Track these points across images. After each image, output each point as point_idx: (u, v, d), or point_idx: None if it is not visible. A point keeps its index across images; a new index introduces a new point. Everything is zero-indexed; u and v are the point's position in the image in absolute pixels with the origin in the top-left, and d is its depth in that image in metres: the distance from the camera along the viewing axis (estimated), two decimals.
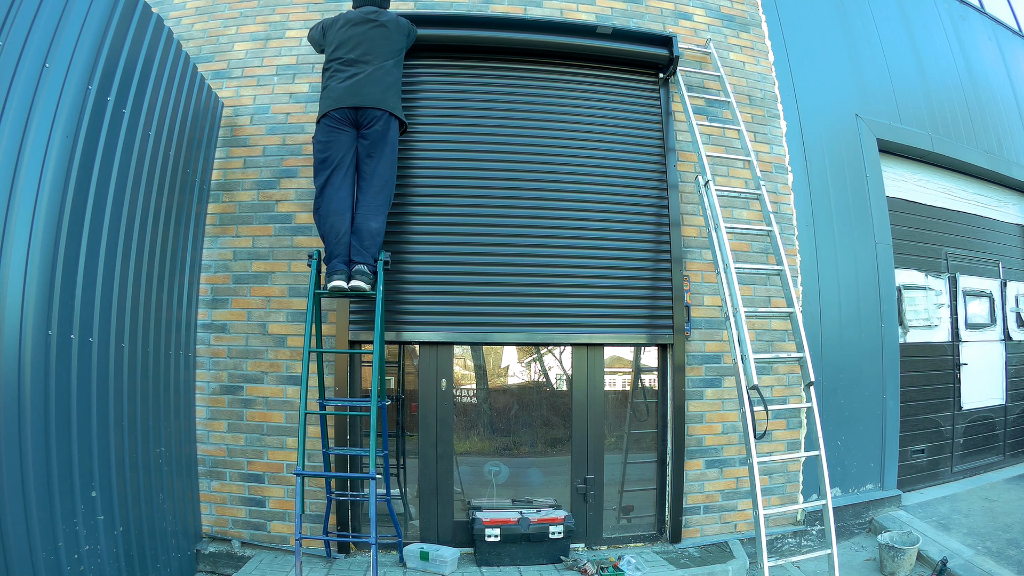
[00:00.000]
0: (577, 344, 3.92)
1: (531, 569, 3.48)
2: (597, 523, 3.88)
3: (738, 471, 3.98)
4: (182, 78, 3.40)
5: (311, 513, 3.55)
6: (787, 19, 4.71)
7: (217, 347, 3.75)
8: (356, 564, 3.50)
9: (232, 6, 4.13)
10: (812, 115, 4.64)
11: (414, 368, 3.90)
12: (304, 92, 3.94)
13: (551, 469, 4.05)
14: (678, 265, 4.00)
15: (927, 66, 5.59)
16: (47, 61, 2.48)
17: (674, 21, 4.37)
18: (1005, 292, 5.95)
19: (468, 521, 3.69)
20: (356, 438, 3.73)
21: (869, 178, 4.82)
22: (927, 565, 3.78)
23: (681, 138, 4.15)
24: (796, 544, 4.07)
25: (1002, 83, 6.32)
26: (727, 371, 3.99)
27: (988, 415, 5.70)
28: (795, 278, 4.24)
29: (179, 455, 3.44)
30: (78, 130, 2.55)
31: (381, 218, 3.35)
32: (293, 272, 3.76)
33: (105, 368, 2.78)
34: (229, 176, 3.90)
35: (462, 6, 4.12)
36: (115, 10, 2.76)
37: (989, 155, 5.78)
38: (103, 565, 2.66)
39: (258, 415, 3.68)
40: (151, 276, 3.17)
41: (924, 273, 5.31)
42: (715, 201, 3.67)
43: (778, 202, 4.28)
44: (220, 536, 3.64)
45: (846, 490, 4.41)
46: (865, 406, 4.54)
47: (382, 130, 3.34)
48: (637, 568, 3.44)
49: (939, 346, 5.36)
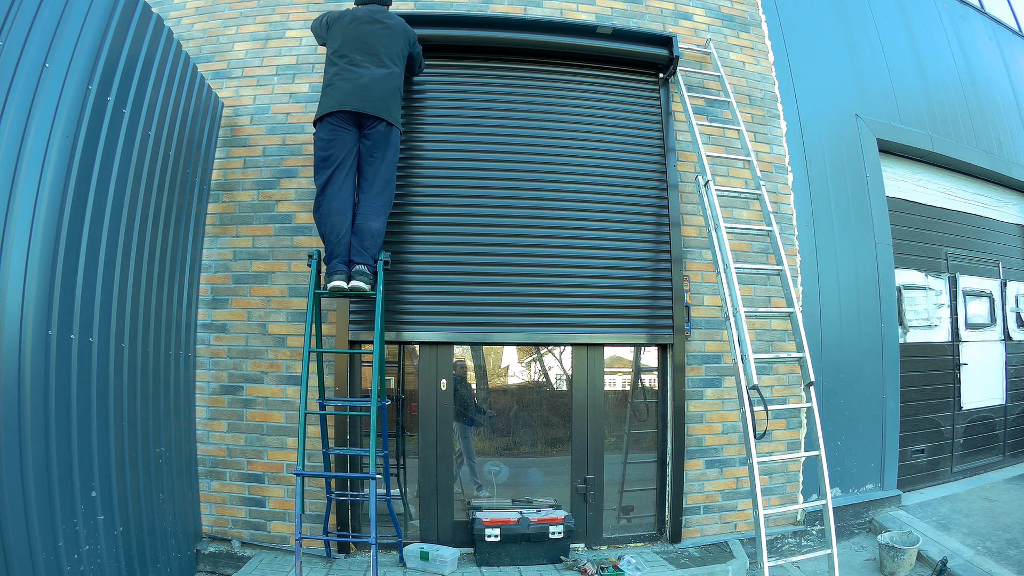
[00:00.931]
0: (577, 344, 3.92)
1: (531, 569, 3.48)
2: (597, 523, 3.88)
3: (738, 471, 3.98)
4: (182, 78, 3.40)
5: (311, 513, 3.54)
6: (787, 19, 4.71)
7: (217, 347, 3.75)
8: (356, 564, 3.50)
9: (232, 6, 4.13)
10: (812, 115, 4.64)
11: (414, 368, 3.90)
12: (304, 92, 3.94)
13: (551, 469, 4.05)
14: (678, 265, 4.00)
15: (927, 66, 5.59)
16: (47, 61, 2.48)
17: (674, 21, 4.37)
18: (1005, 292, 5.95)
19: (468, 521, 3.70)
20: (356, 438, 3.73)
21: (869, 178, 4.83)
22: (927, 565, 3.78)
23: (681, 138, 4.15)
24: (796, 544, 4.07)
25: (1002, 83, 6.32)
26: (727, 371, 4.00)
27: (988, 415, 5.70)
28: (795, 278, 4.24)
29: (179, 455, 3.44)
30: (78, 130, 2.55)
31: (382, 219, 3.34)
32: (293, 272, 3.76)
33: (105, 368, 2.78)
34: (229, 176, 3.90)
35: (462, 6, 4.12)
36: (115, 10, 2.76)
37: (989, 155, 5.78)
38: (103, 565, 2.66)
39: (258, 415, 3.68)
40: (151, 276, 3.17)
41: (924, 273, 5.31)
42: (715, 201, 3.67)
43: (778, 202, 4.28)
44: (220, 536, 3.64)
45: (846, 490, 4.41)
46: (865, 406, 4.54)
47: (384, 132, 3.33)
48: (637, 568, 3.44)
49: (939, 346, 5.36)
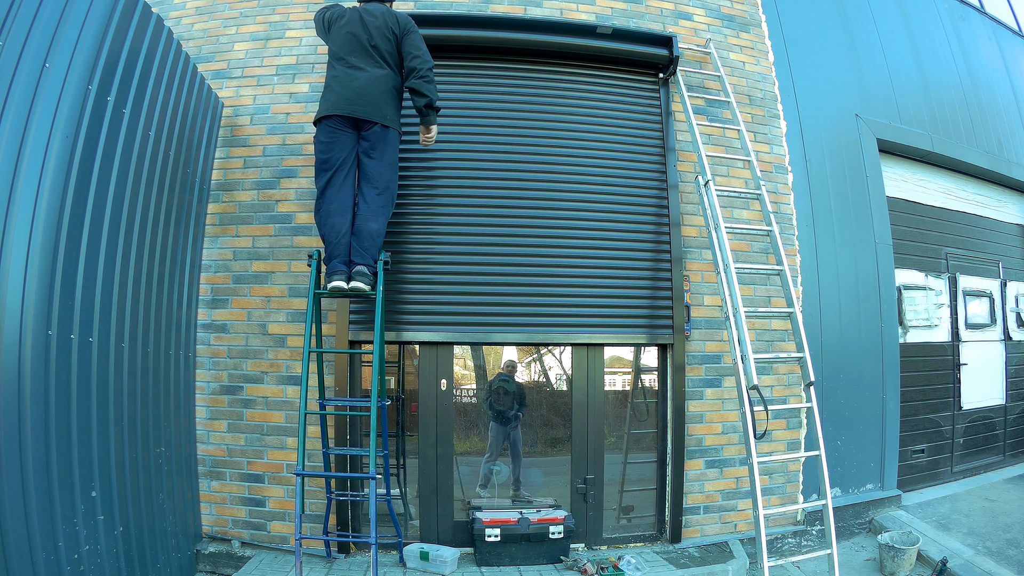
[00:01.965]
0: (577, 344, 3.92)
1: (531, 569, 3.48)
2: (597, 523, 3.88)
3: (738, 471, 3.98)
4: (182, 78, 3.40)
5: (311, 513, 3.55)
6: (787, 19, 4.71)
7: (217, 347, 3.75)
8: (356, 564, 3.50)
9: (232, 6, 4.13)
10: (812, 115, 4.64)
11: (414, 368, 3.90)
12: (304, 92, 3.94)
13: (551, 469, 4.05)
14: (678, 265, 4.00)
15: (927, 66, 5.59)
16: (47, 61, 2.48)
17: (674, 21, 4.37)
18: (1005, 292, 5.95)
19: (468, 521, 3.70)
20: (356, 438, 3.73)
21: (869, 178, 4.83)
22: (927, 565, 3.78)
23: (681, 138, 4.15)
24: (796, 544, 4.07)
25: (1002, 83, 6.32)
26: (727, 371, 3.99)
27: (988, 415, 5.70)
28: (795, 278, 4.24)
29: (179, 455, 3.44)
30: (78, 130, 2.55)
31: (382, 219, 3.34)
32: (293, 272, 3.76)
33: (105, 368, 2.78)
34: (229, 176, 3.90)
35: (462, 6, 4.12)
36: (115, 10, 2.76)
37: (989, 155, 5.78)
38: (103, 565, 2.66)
39: (258, 415, 3.68)
40: (151, 276, 3.17)
41: (924, 273, 5.31)
42: (715, 201, 3.67)
43: (778, 202, 4.28)
44: (220, 536, 3.64)
45: (846, 490, 4.41)
46: (865, 406, 4.54)
47: (381, 133, 3.31)
48: (637, 568, 3.44)
49: (939, 346, 5.36)
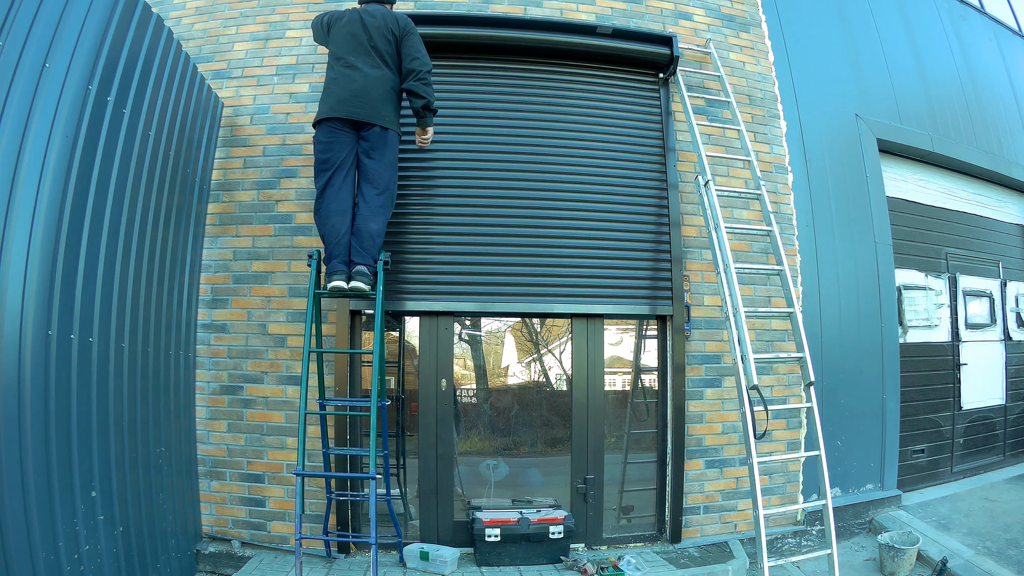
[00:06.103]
0: (577, 315, 3.91)
1: (531, 569, 3.48)
2: (597, 523, 3.88)
3: (738, 471, 3.98)
4: (182, 78, 3.39)
5: (311, 513, 3.54)
6: (787, 19, 4.71)
7: (217, 347, 3.75)
8: (356, 564, 3.50)
9: (232, 6, 4.13)
10: (812, 115, 4.64)
11: (414, 368, 3.90)
12: (304, 92, 3.94)
13: (551, 469, 4.05)
14: (678, 265, 4.00)
15: (927, 66, 5.59)
16: (47, 61, 2.48)
17: (674, 21, 4.37)
18: (1005, 292, 5.94)
19: (468, 521, 3.69)
20: (356, 438, 3.73)
21: (869, 178, 4.82)
22: (927, 565, 3.78)
23: (681, 138, 4.15)
24: (796, 544, 4.07)
25: (1002, 83, 6.32)
26: (727, 371, 3.99)
27: (988, 415, 5.69)
28: (795, 278, 4.24)
29: (179, 455, 3.44)
30: (78, 130, 2.55)
31: (381, 219, 3.34)
32: (293, 272, 3.76)
33: (105, 368, 2.77)
34: (229, 176, 3.89)
35: (462, 6, 4.12)
36: (115, 10, 2.75)
37: (989, 155, 5.78)
38: (103, 565, 2.66)
39: (258, 415, 3.68)
40: (151, 276, 3.17)
41: (924, 273, 5.31)
42: (715, 201, 3.67)
43: (778, 202, 4.27)
44: (220, 536, 3.64)
45: (846, 490, 4.41)
46: (865, 406, 4.54)
47: (380, 134, 3.32)
48: (637, 568, 3.44)
49: (939, 346, 5.36)
